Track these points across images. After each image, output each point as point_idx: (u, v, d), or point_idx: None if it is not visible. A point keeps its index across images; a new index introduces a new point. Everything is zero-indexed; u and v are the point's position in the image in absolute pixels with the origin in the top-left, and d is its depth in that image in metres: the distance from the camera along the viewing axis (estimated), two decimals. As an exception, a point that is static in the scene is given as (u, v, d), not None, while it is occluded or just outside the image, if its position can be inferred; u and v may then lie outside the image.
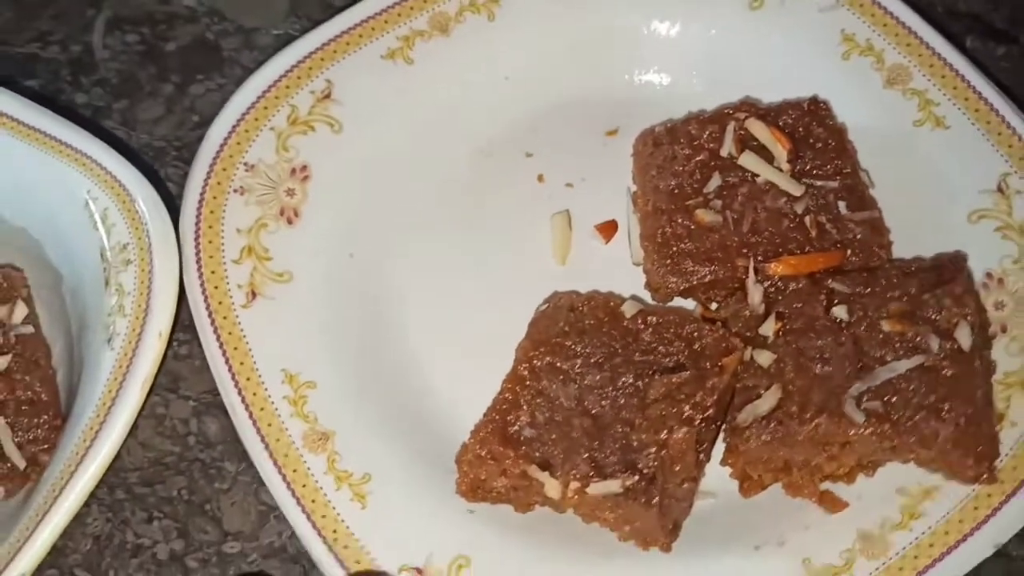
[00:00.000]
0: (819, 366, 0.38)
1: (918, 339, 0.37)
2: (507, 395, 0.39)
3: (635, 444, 0.37)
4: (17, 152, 0.43)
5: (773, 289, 0.41)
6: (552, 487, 0.37)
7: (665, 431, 0.37)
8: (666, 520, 0.37)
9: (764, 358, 0.39)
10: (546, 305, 0.43)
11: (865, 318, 0.38)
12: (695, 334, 0.40)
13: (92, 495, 0.39)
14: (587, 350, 0.39)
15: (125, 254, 0.41)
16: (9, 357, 0.41)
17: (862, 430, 0.36)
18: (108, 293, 0.40)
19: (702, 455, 0.38)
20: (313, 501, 0.39)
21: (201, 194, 0.45)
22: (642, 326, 0.40)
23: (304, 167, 0.47)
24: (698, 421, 0.37)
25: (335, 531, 0.39)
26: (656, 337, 0.40)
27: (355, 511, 0.39)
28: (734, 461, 0.39)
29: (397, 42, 0.49)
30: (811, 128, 0.45)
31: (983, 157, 0.44)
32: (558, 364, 0.39)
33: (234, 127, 0.46)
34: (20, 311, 0.42)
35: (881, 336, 0.38)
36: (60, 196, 0.43)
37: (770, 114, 0.45)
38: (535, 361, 0.40)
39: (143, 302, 0.40)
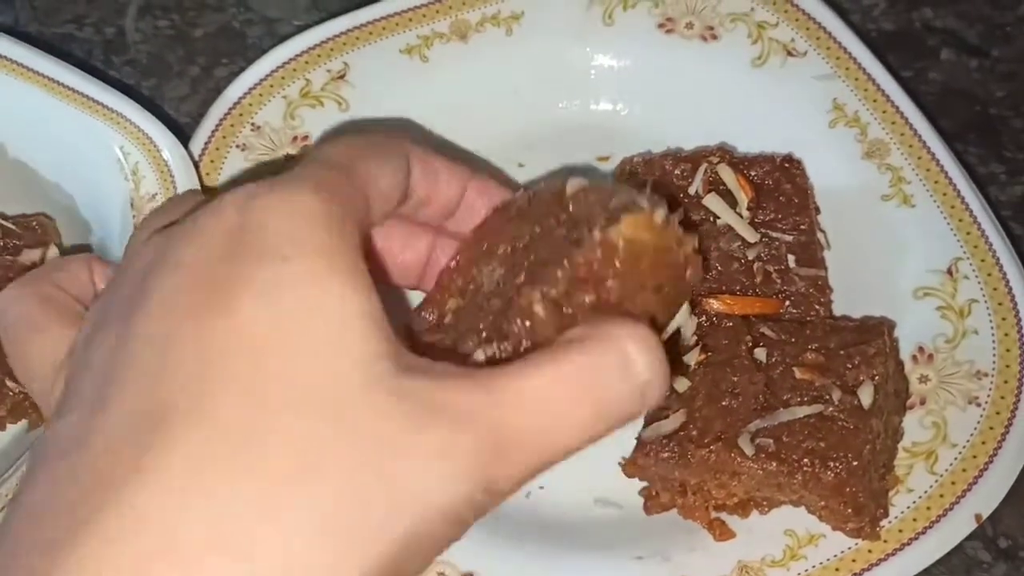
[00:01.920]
0: (728, 400, 0.40)
1: (823, 390, 0.39)
2: (440, 282, 0.34)
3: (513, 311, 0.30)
4: (56, 111, 0.48)
5: (708, 323, 0.43)
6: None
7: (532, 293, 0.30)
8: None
9: (680, 384, 0.41)
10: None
11: (782, 363, 0.40)
12: (625, 200, 0.31)
13: None
14: (516, 233, 0.33)
15: (153, 203, 0.45)
16: None
17: (750, 463, 0.38)
18: None
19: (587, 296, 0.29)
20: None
21: (206, 143, 0.48)
22: (573, 200, 0.32)
23: (306, 136, 0.50)
24: (562, 286, 0.29)
25: None
26: (583, 210, 0.32)
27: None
28: (634, 472, 0.41)
29: (417, 40, 0.52)
30: (780, 183, 0.47)
31: (941, 239, 0.46)
32: (493, 250, 0.33)
33: (250, 90, 0.50)
34: (52, 255, 0.46)
35: (791, 382, 0.40)
36: (94, 151, 0.47)
37: (743, 163, 0.47)
38: (468, 252, 0.34)
39: None
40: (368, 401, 0.24)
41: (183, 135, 0.50)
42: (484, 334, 0.31)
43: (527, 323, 0.30)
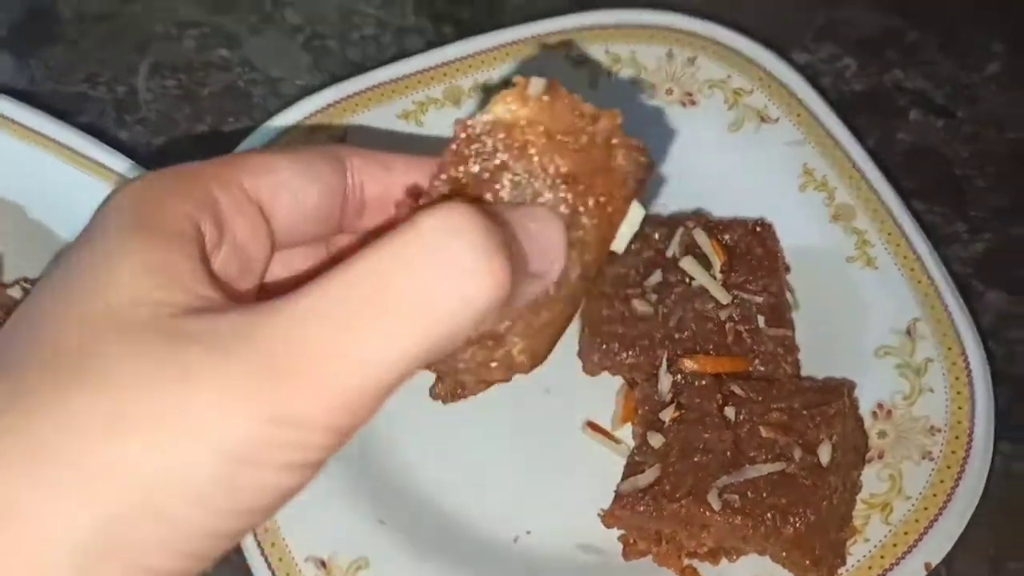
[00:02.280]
0: (699, 456, 0.43)
1: (786, 448, 0.42)
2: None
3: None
4: (70, 176, 0.51)
5: (682, 381, 0.46)
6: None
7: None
8: None
9: (655, 440, 0.44)
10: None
11: (749, 422, 0.43)
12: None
13: None
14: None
15: None
16: None
17: (718, 517, 0.41)
18: None
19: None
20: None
21: (215, 207, 0.52)
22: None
23: (308, 199, 0.53)
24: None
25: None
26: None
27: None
28: (613, 523, 0.44)
29: (413, 105, 0.56)
30: (751, 247, 0.50)
31: (901, 301, 0.49)
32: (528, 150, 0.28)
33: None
34: None
35: (758, 440, 0.43)
36: None
37: (718, 227, 0.50)
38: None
39: None
40: (135, 347, 0.23)
41: None
42: None
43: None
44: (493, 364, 0.27)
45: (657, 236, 0.50)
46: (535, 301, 0.27)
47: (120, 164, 0.51)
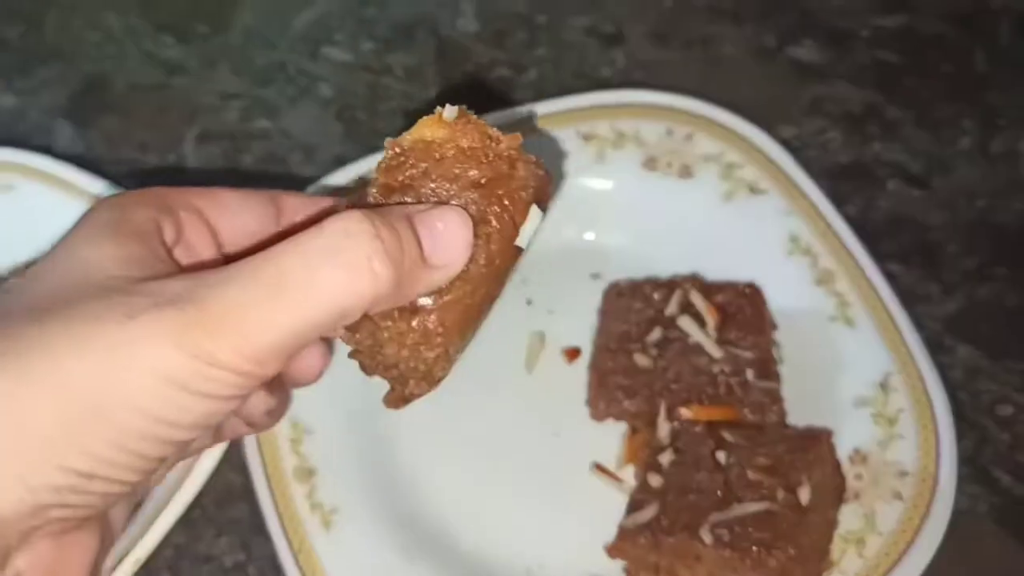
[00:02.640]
0: (693, 495, 0.48)
1: (771, 488, 0.47)
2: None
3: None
4: None
5: (679, 427, 0.51)
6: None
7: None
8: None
9: (655, 480, 0.49)
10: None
11: (738, 465, 0.48)
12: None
13: None
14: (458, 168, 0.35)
15: None
16: None
17: (710, 549, 0.46)
18: None
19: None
20: (291, 519, 0.50)
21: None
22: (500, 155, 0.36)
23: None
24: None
25: (301, 542, 0.49)
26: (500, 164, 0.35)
27: (321, 532, 0.50)
28: (616, 555, 0.49)
29: None
30: (742, 307, 0.55)
31: (877, 357, 0.54)
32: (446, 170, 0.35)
33: None
34: None
35: (745, 481, 0.48)
36: None
37: (712, 289, 0.55)
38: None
39: None
40: (99, 299, 0.31)
41: None
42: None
43: None
44: (412, 334, 0.34)
45: (657, 297, 0.55)
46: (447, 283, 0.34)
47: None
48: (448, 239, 0.33)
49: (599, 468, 0.53)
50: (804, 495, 0.46)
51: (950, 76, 0.70)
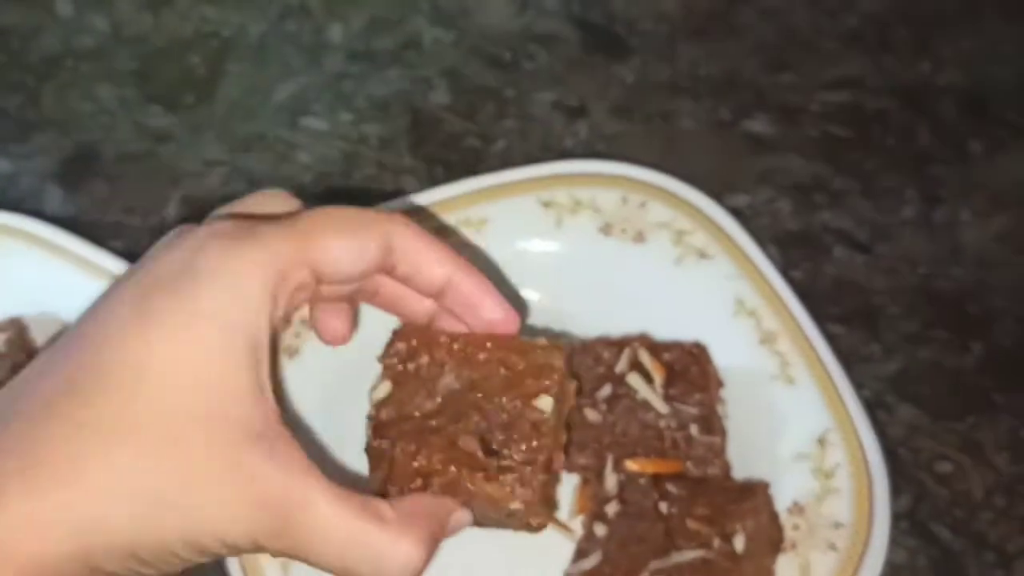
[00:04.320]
0: (635, 544, 0.50)
1: (708, 537, 0.49)
2: (444, 332, 0.43)
3: (408, 436, 0.41)
4: None
5: (625, 479, 0.54)
6: (376, 395, 0.42)
7: (420, 452, 0.40)
8: (378, 485, 0.41)
9: (600, 530, 0.51)
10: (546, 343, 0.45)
11: (679, 515, 0.51)
12: (522, 461, 0.41)
13: None
14: (490, 380, 0.42)
15: None
16: None
17: (648, 597, 0.48)
18: None
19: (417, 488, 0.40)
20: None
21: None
22: (524, 414, 0.42)
23: (305, 320, 0.61)
24: (433, 472, 0.40)
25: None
26: (515, 431, 0.41)
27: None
28: (561, 603, 0.51)
29: None
30: (688, 365, 0.58)
31: (816, 414, 0.56)
32: (473, 360, 0.42)
33: None
34: None
35: (685, 530, 0.50)
36: None
37: (660, 348, 0.58)
38: (470, 345, 0.42)
39: None
40: (209, 452, 0.30)
41: None
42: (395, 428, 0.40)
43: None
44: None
45: (607, 355, 0.58)
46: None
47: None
48: (456, 526, 0.39)
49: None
50: (739, 543, 0.49)
51: (894, 149, 0.74)
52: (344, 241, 0.35)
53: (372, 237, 0.36)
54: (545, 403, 0.41)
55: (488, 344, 0.42)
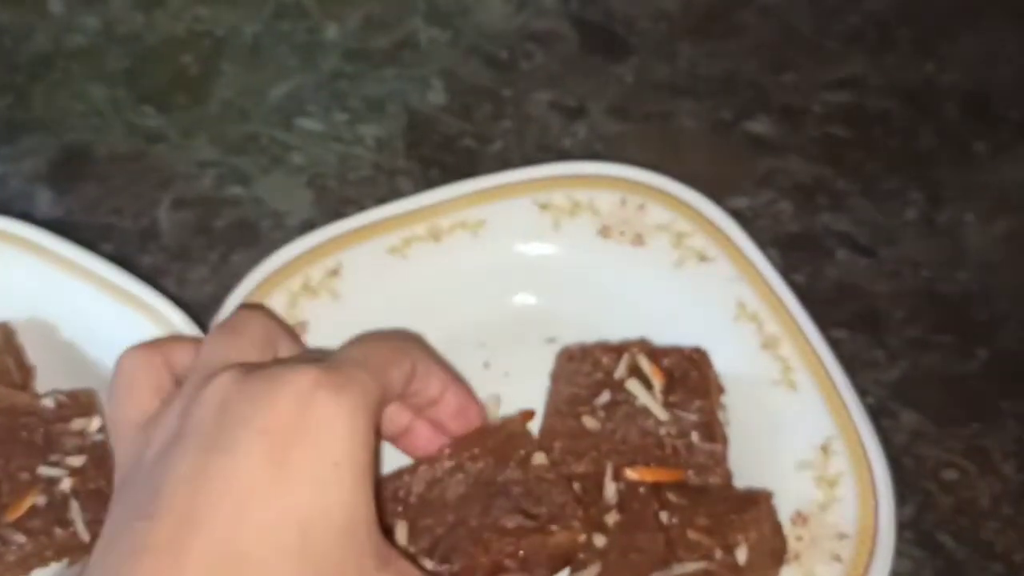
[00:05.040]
0: (635, 554, 0.49)
1: (709, 548, 0.48)
2: (419, 466, 0.51)
3: (460, 546, 0.48)
4: (98, 301, 0.57)
5: (624, 488, 0.52)
6: (401, 540, 0.49)
7: (482, 550, 0.48)
8: None
9: (599, 540, 0.50)
10: (499, 421, 0.55)
11: (680, 525, 0.50)
12: (560, 503, 0.50)
13: None
14: (488, 468, 0.51)
15: None
16: (86, 457, 0.53)
17: (648, 609, 0.47)
18: None
19: None
20: None
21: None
22: (536, 476, 0.51)
23: (304, 323, 0.60)
24: (503, 557, 0.48)
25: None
26: (537, 489, 0.50)
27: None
28: (559, 615, 0.50)
29: (399, 241, 0.63)
30: (688, 371, 0.56)
31: (819, 421, 0.55)
32: (464, 465, 0.51)
33: (260, 284, 0.60)
34: (95, 423, 0.54)
35: (686, 541, 0.49)
36: (129, 333, 0.55)
37: (659, 353, 0.57)
38: (453, 456, 0.51)
39: None
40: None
41: (205, 312, 0.60)
42: (437, 547, 0.48)
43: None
44: None
45: (606, 361, 0.57)
46: None
47: (140, 289, 0.58)
48: None
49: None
50: (741, 555, 0.47)
51: (897, 150, 0.73)
52: (398, 370, 0.43)
53: (408, 362, 0.44)
54: (540, 458, 0.51)
55: (464, 445, 0.51)
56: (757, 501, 0.51)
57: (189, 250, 0.68)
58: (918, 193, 0.68)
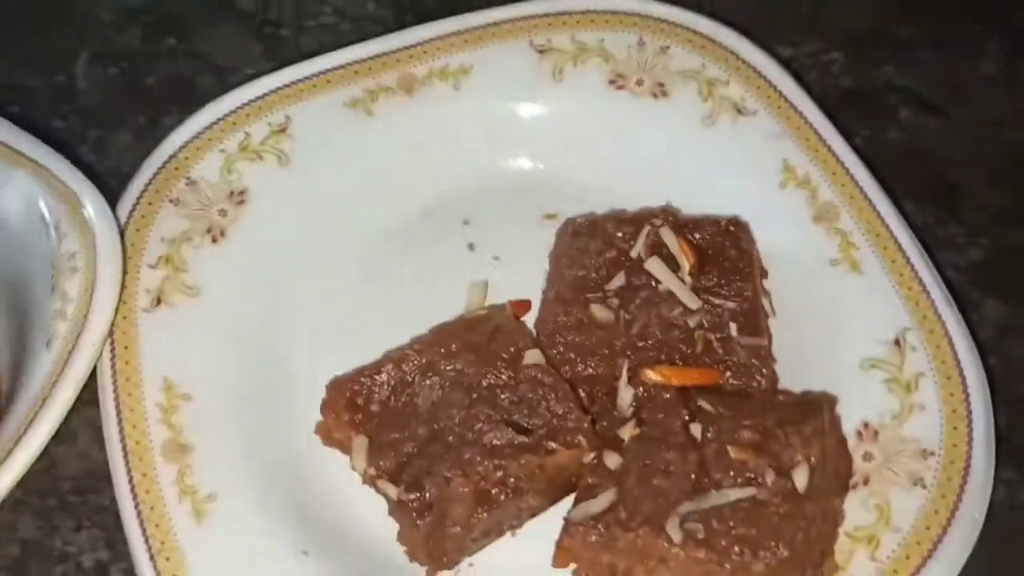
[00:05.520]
0: (659, 478, 0.38)
1: (758, 471, 0.38)
2: (382, 365, 0.43)
3: (435, 469, 0.39)
4: None
5: (644, 395, 0.41)
6: (359, 461, 0.41)
7: (460, 472, 0.39)
8: (432, 547, 0.39)
9: (612, 460, 0.39)
10: (484, 310, 0.46)
11: (717, 440, 0.39)
12: (561, 413, 0.41)
13: (25, 502, 0.40)
14: (469, 368, 0.42)
15: (72, 262, 0.43)
16: None
17: (677, 549, 0.36)
18: (53, 299, 0.43)
19: (484, 514, 0.39)
20: (152, 508, 0.40)
21: (138, 198, 0.47)
22: (528, 379, 0.42)
23: (243, 191, 0.49)
24: (490, 484, 0.39)
25: (163, 541, 0.40)
26: (531, 395, 0.41)
27: (190, 526, 0.40)
28: (559, 557, 0.39)
29: (362, 93, 0.52)
30: (724, 247, 0.46)
31: (888, 308, 0.45)
32: (438, 366, 0.42)
33: (186, 143, 0.49)
34: None
35: (726, 461, 0.38)
36: (18, 205, 0.46)
37: (688, 225, 0.46)
38: (425, 354, 0.43)
39: (84, 308, 0.42)
40: None
41: (127, 184, 0.49)
42: (403, 466, 0.40)
43: (449, 503, 0.39)
44: None
45: (621, 234, 0.46)
46: None
47: (33, 148, 0.47)
48: None
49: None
50: (800, 478, 0.37)
51: (972, -8, 0.62)
52: None
53: None
54: (534, 355, 0.42)
55: (440, 339, 0.43)
56: (818, 408, 0.40)
57: (111, 113, 0.58)
58: (996, 42, 0.60)
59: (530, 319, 0.48)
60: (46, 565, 0.44)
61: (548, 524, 0.42)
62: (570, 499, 0.41)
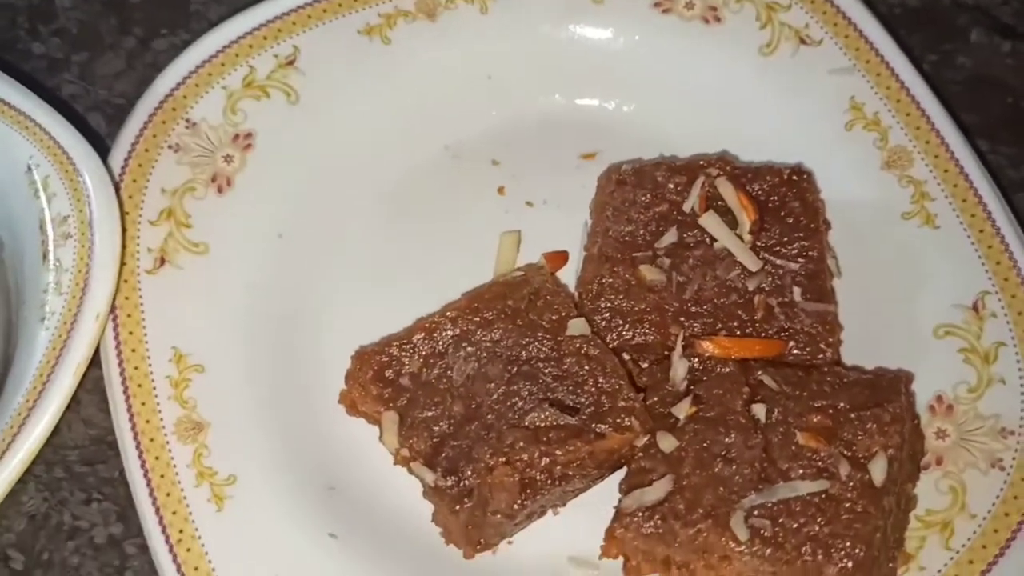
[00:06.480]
0: (720, 465, 0.35)
1: (830, 461, 0.34)
2: (413, 335, 0.40)
3: (474, 454, 0.37)
4: None
5: (700, 368, 0.38)
6: (390, 439, 0.38)
7: (504, 459, 0.36)
8: (471, 533, 0.37)
9: (667, 443, 0.36)
10: (519, 270, 0.42)
11: (783, 423, 0.36)
12: (610, 390, 0.38)
13: (28, 472, 0.37)
14: (508, 339, 0.39)
15: (65, 227, 0.39)
16: None
17: (743, 548, 0.33)
18: (45, 268, 0.39)
19: (528, 503, 0.37)
20: (168, 495, 0.37)
21: (133, 144, 0.43)
22: (573, 351, 0.38)
23: (249, 134, 0.45)
24: (535, 471, 0.37)
25: (181, 530, 0.37)
26: (576, 369, 0.38)
27: (209, 513, 0.37)
28: (609, 547, 0.36)
29: (378, 19, 0.47)
30: (786, 200, 0.42)
31: (966, 269, 0.42)
32: (473, 335, 0.39)
33: (184, 79, 0.44)
34: None
35: (793, 448, 0.35)
36: (1, 160, 0.41)
37: (746, 175, 0.43)
38: (459, 322, 0.40)
39: (81, 281, 0.38)
40: None
41: (119, 116, 0.46)
42: (439, 448, 0.37)
43: (491, 489, 0.36)
44: None
45: (672, 186, 0.42)
46: None
47: (16, 96, 0.42)
48: None
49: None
50: (878, 472, 0.34)
51: None
52: None
53: None
54: (579, 325, 0.38)
55: (474, 305, 0.40)
56: (896, 390, 0.36)
57: (97, 34, 0.53)
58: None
59: (567, 274, 0.44)
60: (56, 541, 0.41)
61: (592, 500, 0.39)
62: (617, 474, 0.39)
